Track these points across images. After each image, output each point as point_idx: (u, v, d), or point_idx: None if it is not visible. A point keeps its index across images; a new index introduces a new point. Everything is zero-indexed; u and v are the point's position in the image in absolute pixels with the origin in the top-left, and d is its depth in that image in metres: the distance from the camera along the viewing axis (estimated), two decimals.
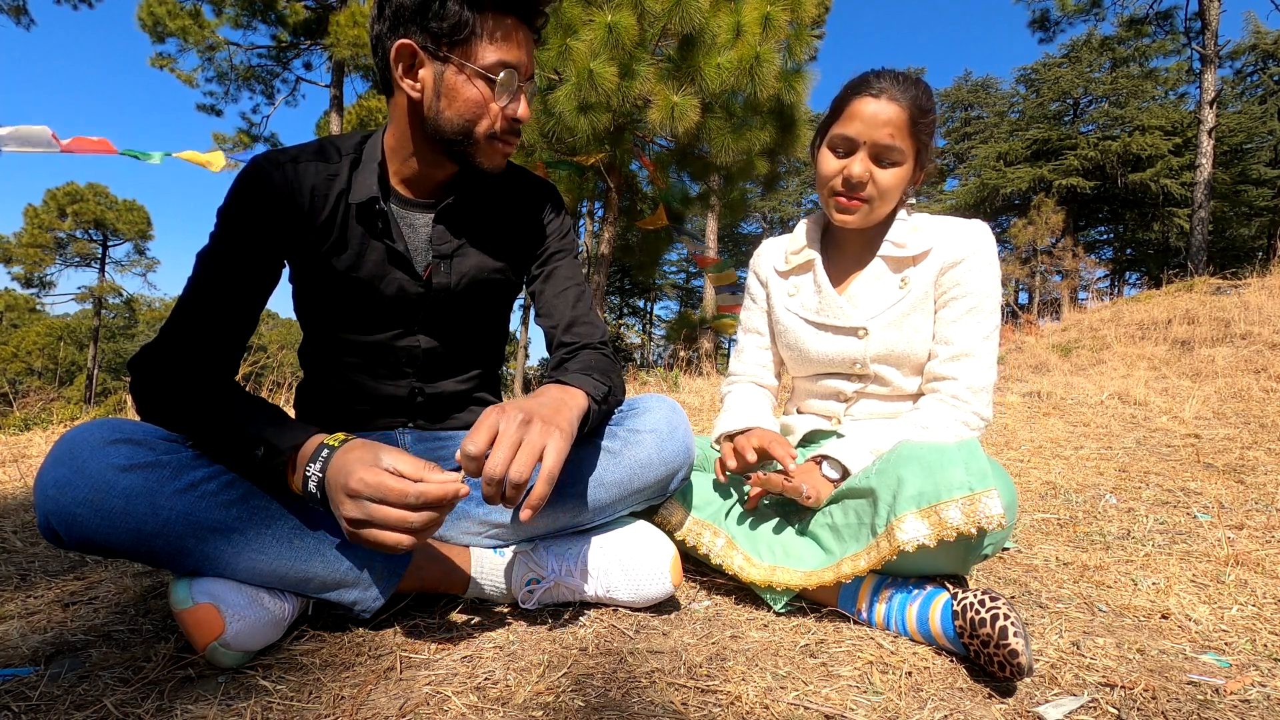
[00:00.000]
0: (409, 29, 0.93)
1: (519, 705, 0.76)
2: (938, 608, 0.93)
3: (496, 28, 0.93)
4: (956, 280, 1.18)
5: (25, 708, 0.73)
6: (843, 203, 1.19)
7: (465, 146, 0.98)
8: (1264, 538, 1.52)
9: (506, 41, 0.94)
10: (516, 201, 1.13)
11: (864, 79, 1.17)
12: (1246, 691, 0.85)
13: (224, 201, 0.98)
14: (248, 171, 0.98)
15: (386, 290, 1.05)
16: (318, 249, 1.02)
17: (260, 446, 0.82)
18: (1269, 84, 20.81)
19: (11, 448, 2.34)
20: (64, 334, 28.33)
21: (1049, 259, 21.19)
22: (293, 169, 0.99)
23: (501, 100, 0.96)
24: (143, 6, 14.01)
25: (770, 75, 5.83)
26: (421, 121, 0.98)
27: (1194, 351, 4.64)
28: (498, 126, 0.98)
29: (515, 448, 0.77)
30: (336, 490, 0.77)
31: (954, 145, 30.74)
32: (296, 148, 1.03)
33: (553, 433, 0.81)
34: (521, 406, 0.82)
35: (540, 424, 0.80)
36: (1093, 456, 2.42)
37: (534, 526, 1.02)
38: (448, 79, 0.94)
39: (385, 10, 0.94)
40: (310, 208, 1.00)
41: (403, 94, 0.97)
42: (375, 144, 1.05)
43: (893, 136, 1.13)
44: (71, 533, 0.78)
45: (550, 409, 0.85)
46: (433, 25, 0.91)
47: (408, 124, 1.00)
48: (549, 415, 0.83)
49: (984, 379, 1.16)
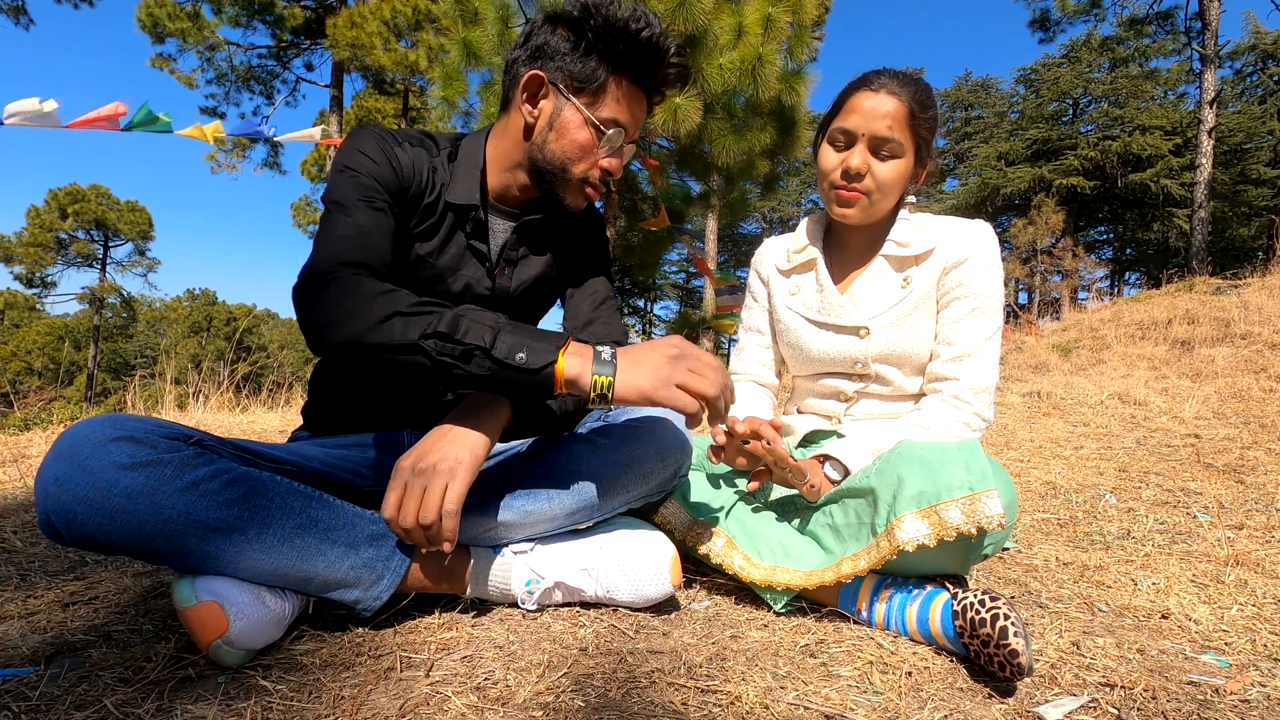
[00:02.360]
0: (546, 64, 1.03)
1: (519, 705, 0.76)
2: (938, 608, 0.93)
3: (621, 90, 1.04)
4: (959, 280, 1.18)
5: (25, 708, 0.73)
6: (842, 195, 1.19)
7: (556, 180, 1.06)
8: (1264, 538, 1.52)
9: (625, 104, 1.05)
10: (572, 222, 1.21)
11: (864, 76, 1.19)
12: (1246, 691, 0.85)
13: (345, 154, 1.02)
14: (368, 132, 1.03)
15: (454, 285, 1.10)
16: (407, 225, 1.06)
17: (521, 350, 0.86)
18: (1269, 84, 20.81)
19: (11, 448, 2.34)
20: (64, 334, 28.33)
21: (1049, 259, 21.18)
22: (409, 147, 1.06)
23: (602, 151, 1.06)
24: (142, 7, 14.01)
25: (771, 76, 5.84)
26: (526, 144, 1.07)
27: (1194, 351, 4.63)
28: (592, 173, 1.07)
29: (419, 497, 0.85)
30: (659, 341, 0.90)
31: (954, 145, 30.74)
32: (399, 130, 1.09)
33: (451, 470, 0.86)
34: (417, 451, 0.88)
35: (436, 462, 0.86)
36: (1093, 456, 2.42)
37: (533, 526, 1.02)
38: (564, 116, 1.03)
39: (530, 42, 1.04)
40: (415, 183, 1.05)
41: (519, 115, 1.05)
42: (476, 149, 1.11)
43: (891, 129, 1.14)
44: (71, 530, 0.78)
45: (446, 446, 0.88)
46: (570, 68, 1.02)
47: (514, 142, 1.08)
48: (445, 453, 0.87)
49: (986, 380, 1.16)
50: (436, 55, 12.71)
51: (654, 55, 1.03)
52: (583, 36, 1.01)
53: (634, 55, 1.02)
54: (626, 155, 1.10)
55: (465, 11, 5.25)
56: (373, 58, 13.11)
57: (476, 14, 5.25)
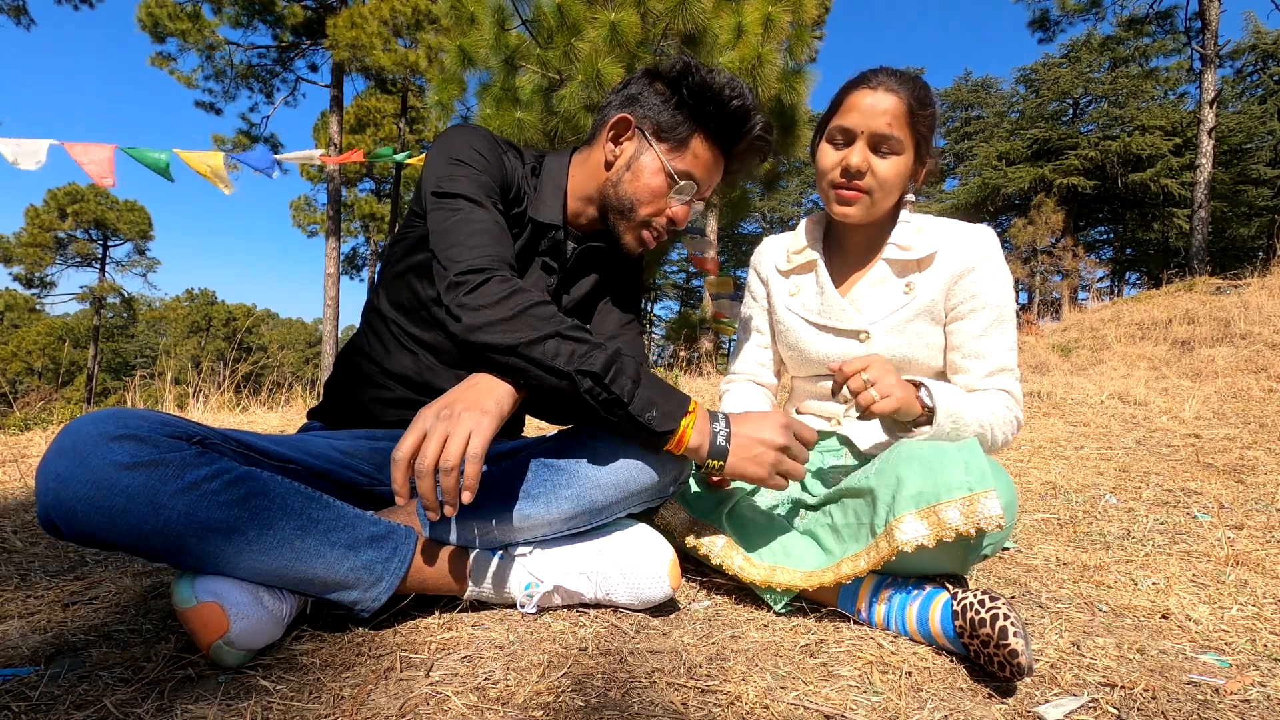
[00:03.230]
0: (636, 110, 1.10)
1: (519, 705, 0.76)
2: (937, 608, 0.93)
3: (701, 147, 1.10)
4: (972, 292, 1.17)
5: (25, 708, 0.73)
6: (842, 194, 1.18)
7: (621, 218, 1.12)
8: (1264, 538, 1.52)
9: (702, 161, 1.11)
10: (620, 256, 1.25)
11: (862, 74, 1.19)
12: (1246, 691, 0.85)
13: (458, 148, 1.05)
14: (479, 130, 1.08)
15: None
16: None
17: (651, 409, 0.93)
18: (1269, 84, 20.79)
19: (11, 448, 2.34)
20: (64, 334, 28.33)
21: (1049, 259, 21.18)
22: (508, 151, 1.12)
23: (672, 200, 1.11)
24: (142, 7, 14.00)
25: (772, 76, 5.85)
26: (603, 178, 1.13)
27: (1194, 351, 4.63)
28: (657, 219, 1.12)
29: (442, 440, 0.83)
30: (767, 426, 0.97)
31: (954, 145, 30.73)
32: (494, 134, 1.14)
33: (477, 417, 0.86)
34: (443, 399, 0.88)
35: (462, 410, 0.86)
36: (1093, 456, 2.42)
37: (532, 530, 1.02)
38: (642, 160, 1.10)
39: (627, 89, 1.13)
40: (513, 190, 1.10)
41: (601, 151, 1.12)
42: (560, 171, 1.16)
43: (890, 126, 1.13)
44: (71, 527, 0.78)
45: (474, 394, 0.90)
46: (658, 119, 1.09)
47: (592, 175, 1.14)
48: (473, 400, 0.88)
49: (1019, 390, 1.19)
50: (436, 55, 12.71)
51: (739, 122, 1.09)
52: (677, 92, 1.08)
53: (720, 118, 1.08)
54: (693, 208, 1.14)
55: (460, 16, 5.26)
56: (373, 58, 13.11)
57: (473, 18, 5.27)
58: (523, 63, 6.26)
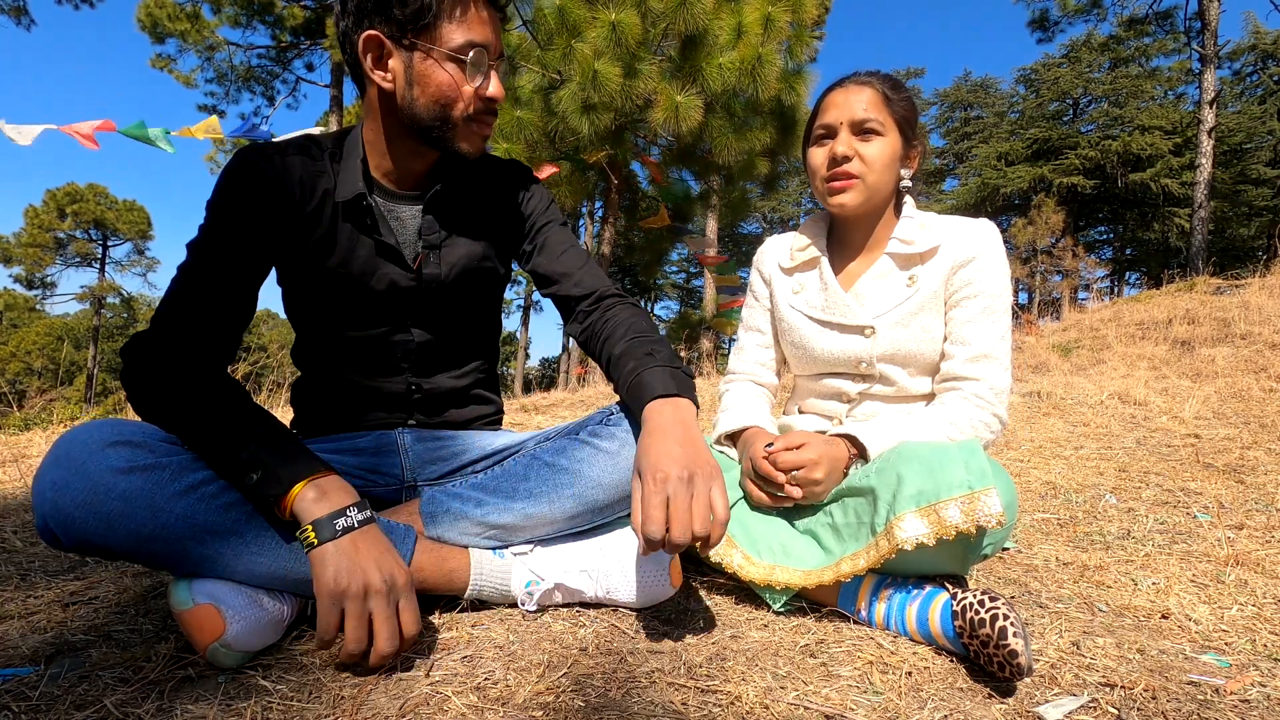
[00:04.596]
0: (373, 20, 0.93)
1: (519, 705, 0.76)
2: (937, 608, 0.93)
3: (460, 9, 0.94)
4: (968, 280, 1.18)
5: (25, 708, 0.73)
6: (834, 184, 1.21)
7: (443, 132, 0.99)
8: (1264, 538, 1.52)
9: (472, 22, 0.95)
10: (494, 187, 1.14)
11: (835, 80, 1.27)
12: (1246, 691, 0.85)
13: (214, 193, 0.98)
14: (237, 162, 0.98)
15: (378, 285, 1.05)
16: (306, 243, 1.02)
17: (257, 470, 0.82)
18: (1269, 84, 20.81)
19: (11, 448, 2.34)
20: (64, 334, 28.33)
21: (1049, 259, 21.19)
22: (281, 161, 1.00)
23: (474, 81, 0.97)
24: (141, 8, 14.00)
25: (772, 76, 5.86)
26: (396, 112, 0.99)
27: (1194, 351, 4.63)
28: (472, 108, 0.98)
29: (689, 512, 0.81)
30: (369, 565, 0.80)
31: (954, 145, 30.73)
32: (281, 141, 1.03)
33: (713, 479, 0.84)
34: (678, 462, 0.84)
35: (701, 477, 0.84)
36: (1093, 456, 2.42)
37: (534, 529, 1.02)
38: (418, 66, 0.95)
39: (348, 5, 0.95)
40: (300, 200, 1.00)
41: (375, 86, 0.98)
42: (355, 139, 1.05)
43: (867, 110, 1.18)
44: (69, 535, 0.78)
45: (695, 448, 0.87)
46: (395, 13, 0.92)
47: (383, 116, 1.00)
48: (703, 460, 0.85)
49: (1004, 382, 1.17)
50: None
51: None
52: None
53: None
54: (499, 72, 1.01)
55: None
56: None
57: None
58: (523, 62, 6.26)
